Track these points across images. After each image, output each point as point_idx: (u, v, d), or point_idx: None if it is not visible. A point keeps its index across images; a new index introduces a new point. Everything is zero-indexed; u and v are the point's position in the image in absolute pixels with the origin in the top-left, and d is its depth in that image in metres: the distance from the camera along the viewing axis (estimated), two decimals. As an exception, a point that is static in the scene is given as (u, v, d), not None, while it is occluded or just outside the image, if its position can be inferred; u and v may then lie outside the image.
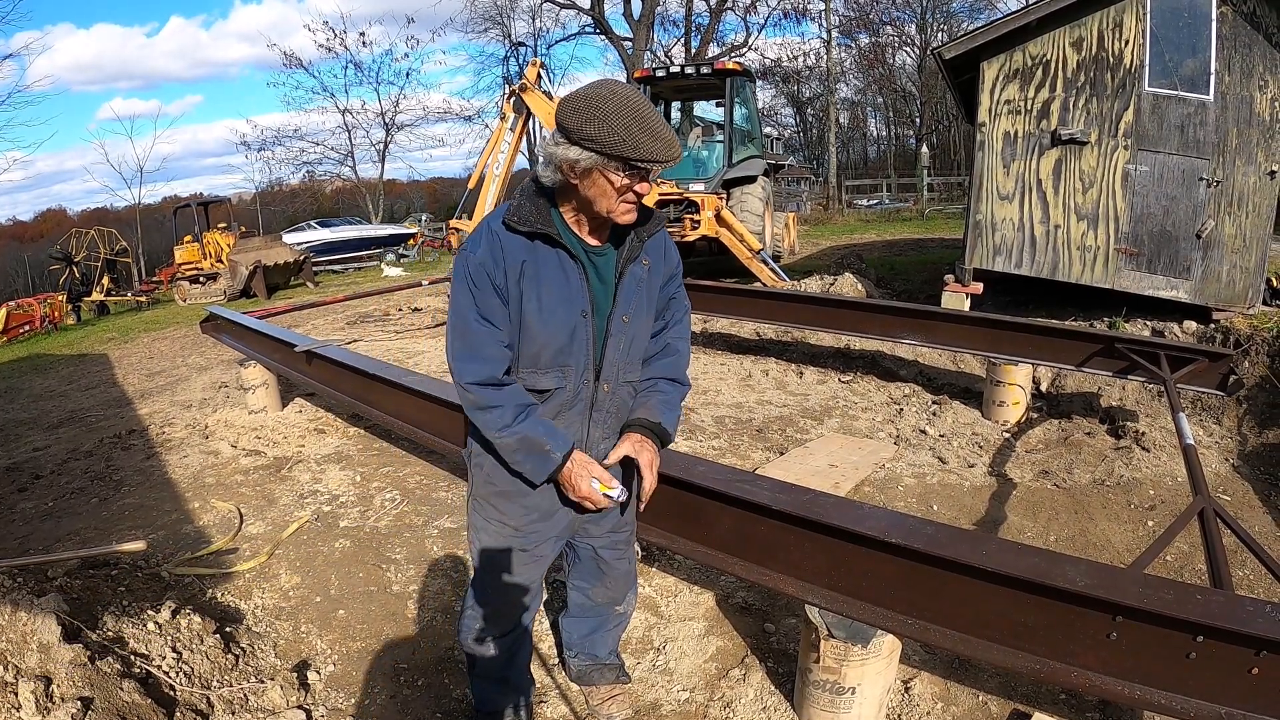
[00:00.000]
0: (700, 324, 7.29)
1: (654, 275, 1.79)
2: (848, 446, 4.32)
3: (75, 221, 36.05)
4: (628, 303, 1.73)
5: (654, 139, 1.49)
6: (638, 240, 1.72)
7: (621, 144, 1.47)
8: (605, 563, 2.06)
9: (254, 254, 14.19)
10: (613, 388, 1.77)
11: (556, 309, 1.65)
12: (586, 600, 2.18)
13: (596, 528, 1.99)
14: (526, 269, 1.62)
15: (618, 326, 1.73)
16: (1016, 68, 6.04)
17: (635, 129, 1.47)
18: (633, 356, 1.80)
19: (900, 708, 2.22)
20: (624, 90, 1.53)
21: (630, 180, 1.54)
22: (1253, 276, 5.67)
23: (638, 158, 1.49)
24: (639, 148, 1.48)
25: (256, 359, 5.11)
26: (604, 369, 1.75)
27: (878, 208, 22.39)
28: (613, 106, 1.48)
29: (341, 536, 3.42)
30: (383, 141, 28.10)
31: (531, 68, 9.42)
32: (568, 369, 1.71)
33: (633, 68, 22.29)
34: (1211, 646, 1.58)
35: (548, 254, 1.64)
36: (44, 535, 3.64)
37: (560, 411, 1.75)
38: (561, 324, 1.66)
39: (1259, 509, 3.50)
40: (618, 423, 1.84)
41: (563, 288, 1.66)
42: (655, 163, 1.51)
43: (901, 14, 27.76)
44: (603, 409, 1.79)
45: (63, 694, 1.93)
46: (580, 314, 1.68)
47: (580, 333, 1.69)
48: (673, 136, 1.53)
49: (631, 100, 1.50)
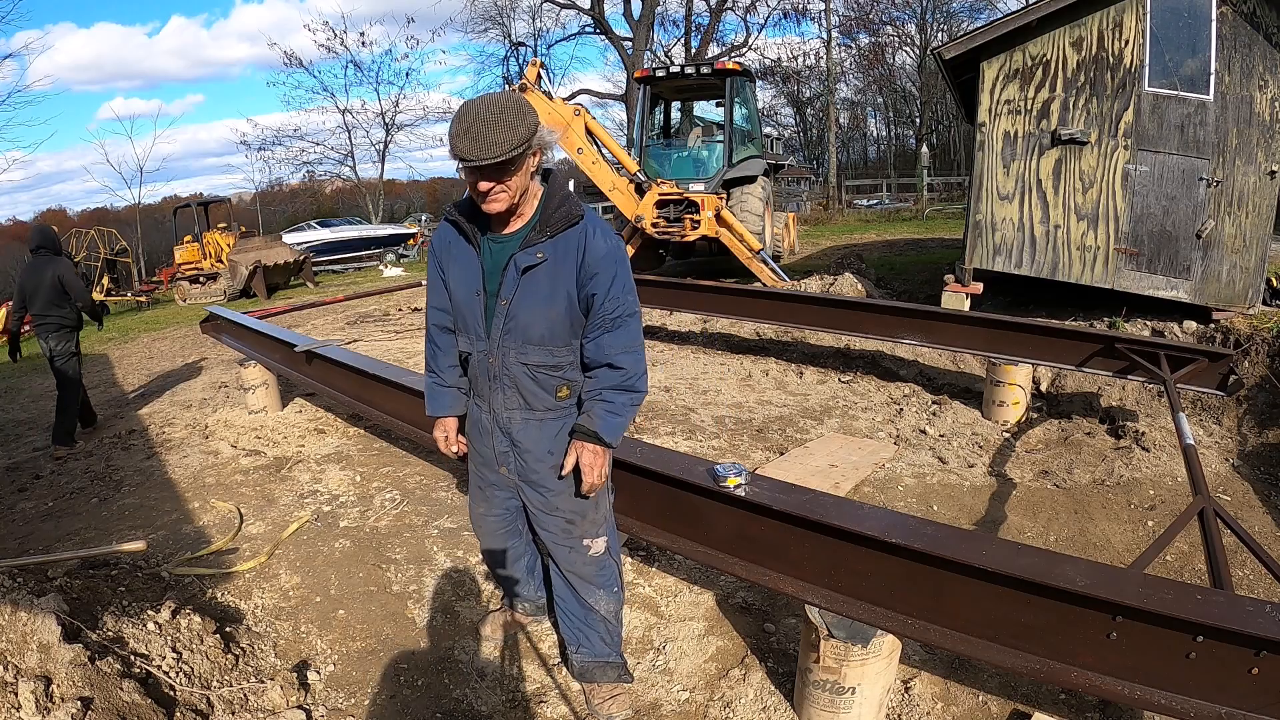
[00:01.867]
0: (700, 324, 7.29)
1: (557, 268, 1.89)
2: (848, 446, 4.32)
3: (75, 221, 36.02)
4: (508, 289, 1.91)
5: (469, 140, 1.69)
6: (537, 233, 1.88)
7: (451, 145, 1.74)
8: (545, 541, 2.21)
9: (254, 254, 14.17)
10: (503, 363, 1.98)
11: (460, 283, 1.99)
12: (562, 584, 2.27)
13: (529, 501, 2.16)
14: (451, 249, 2.00)
15: (499, 309, 1.94)
16: (1016, 68, 6.04)
17: (458, 132, 1.70)
18: (524, 340, 1.94)
19: (900, 708, 2.22)
20: (484, 98, 1.75)
21: (470, 176, 1.77)
22: (1253, 276, 5.67)
23: (456, 156, 1.72)
24: (456, 147, 1.71)
25: (256, 359, 5.11)
26: (494, 345, 1.97)
27: (878, 208, 22.38)
28: (459, 113, 1.73)
29: (341, 536, 3.42)
30: (383, 141, 28.06)
31: (531, 68, 9.42)
32: (471, 337, 2.01)
33: (633, 68, 22.27)
34: (1211, 646, 1.58)
35: (458, 239, 1.99)
36: (44, 535, 3.64)
37: (475, 375, 2.06)
38: (462, 296, 1.98)
39: (1259, 509, 3.50)
40: (521, 399, 2.02)
41: (465, 264, 1.97)
42: (465, 160, 1.71)
43: (901, 14, 27.72)
44: (499, 379, 2.00)
45: (63, 694, 1.93)
46: (474, 292, 1.96)
47: (474, 307, 1.97)
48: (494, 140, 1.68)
49: (475, 107, 1.72)
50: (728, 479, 2.26)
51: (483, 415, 2.10)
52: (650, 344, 6.90)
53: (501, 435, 2.07)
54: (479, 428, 2.14)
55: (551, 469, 2.06)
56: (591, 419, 1.97)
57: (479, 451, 2.18)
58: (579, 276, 1.89)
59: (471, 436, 2.18)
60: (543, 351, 1.95)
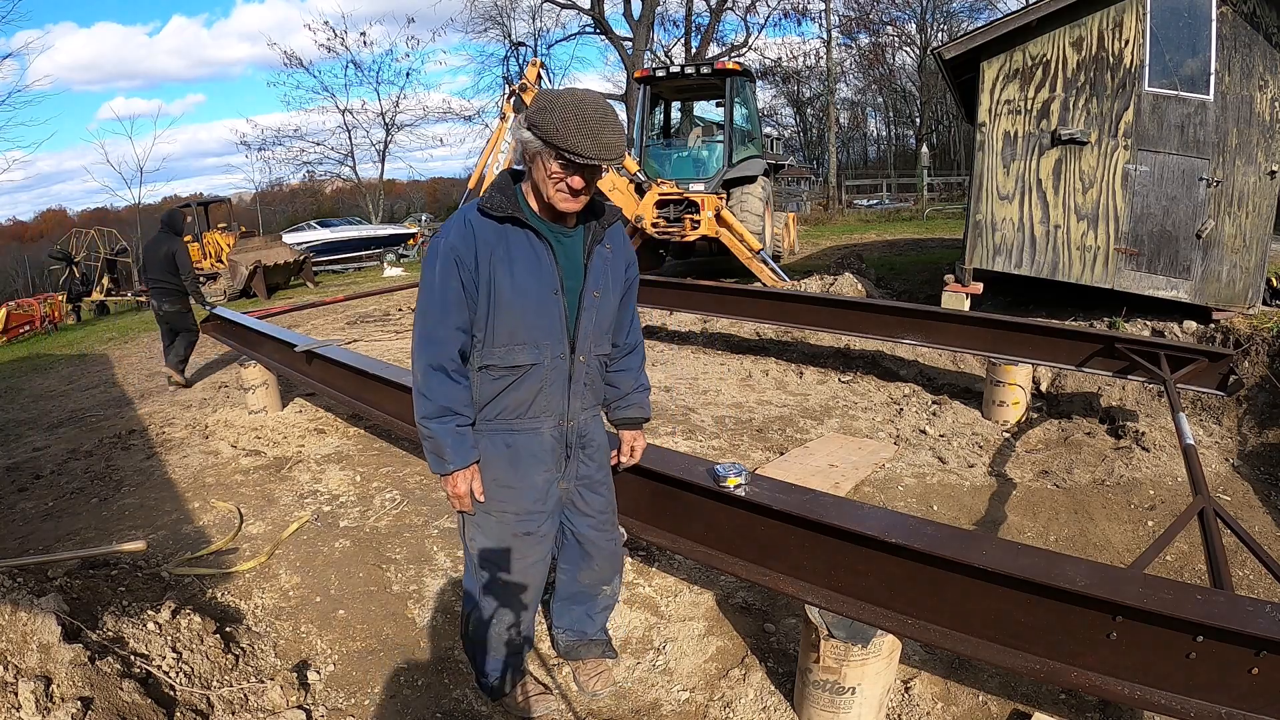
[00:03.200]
0: (700, 324, 7.29)
1: (616, 258, 1.95)
2: (848, 446, 4.32)
3: (75, 221, 36.06)
4: (597, 280, 1.89)
5: (586, 137, 1.61)
6: (600, 226, 1.90)
7: (554, 134, 1.62)
8: (591, 543, 2.15)
9: (254, 254, 14.17)
10: (587, 360, 1.92)
11: (529, 285, 1.79)
12: (574, 583, 2.26)
13: (585, 504, 2.09)
14: (498, 251, 1.77)
15: (589, 302, 1.88)
16: (1016, 68, 6.04)
17: (572, 124, 1.61)
18: (602, 331, 1.95)
19: (900, 708, 2.22)
20: (585, 95, 1.67)
21: (562, 170, 1.68)
22: (1253, 276, 5.67)
23: (566, 148, 1.62)
24: (567, 139, 1.61)
25: (256, 359, 5.11)
26: (578, 343, 1.88)
27: (878, 208, 22.39)
28: (563, 103, 1.63)
29: (341, 536, 3.42)
30: (383, 141, 28.08)
31: (531, 68, 9.42)
32: (542, 344, 1.83)
33: (633, 68, 22.27)
34: (1211, 646, 1.58)
35: (518, 235, 1.79)
36: (44, 535, 3.64)
37: (541, 388, 1.87)
38: (534, 299, 1.80)
39: (1259, 509, 3.50)
40: (594, 395, 2.01)
41: (533, 265, 1.80)
42: (581, 157, 1.62)
43: (901, 14, 27.74)
44: (579, 381, 1.92)
45: (63, 694, 1.93)
46: (551, 291, 1.81)
47: (552, 308, 1.82)
48: (613, 141, 1.64)
49: (584, 102, 1.64)
50: (728, 479, 2.27)
51: (544, 435, 1.91)
52: (650, 344, 6.90)
53: (565, 446, 1.96)
54: (533, 455, 1.91)
55: (604, 461, 2.11)
56: (642, 408, 2.15)
57: (530, 486, 1.93)
58: (625, 264, 2.00)
59: (516, 474, 1.91)
60: (607, 341, 2.01)
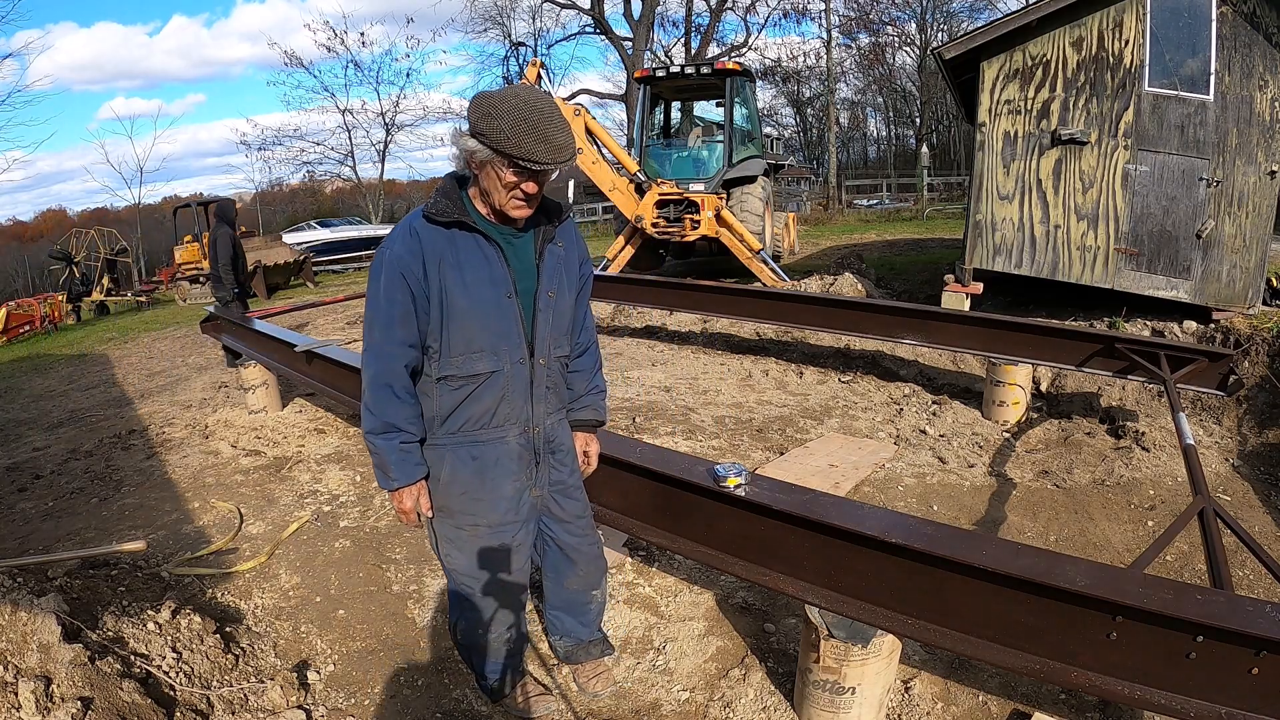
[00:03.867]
0: (700, 324, 7.29)
1: (569, 255, 1.93)
2: (848, 446, 4.32)
3: (75, 221, 36.08)
4: (551, 280, 1.86)
5: (540, 141, 1.56)
6: (551, 224, 1.86)
7: (505, 141, 1.56)
8: (573, 549, 2.15)
9: (254, 254, 14.18)
10: (547, 363, 1.88)
11: (482, 289, 1.75)
12: (562, 590, 2.25)
13: (560, 509, 2.08)
14: (447, 258, 1.72)
15: (545, 302, 1.85)
16: (1016, 68, 6.04)
17: (523, 129, 1.55)
18: (560, 332, 1.92)
19: (900, 708, 2.22)
20: (526, 94, 1.60)
21: (517, 178, 1.63)
22: (1253, 276, 5.67)
23: (519, 155, 1.57)
24: (520, 146, 1.56)
25: (256, 359, 5.11)
26: (537, 346, 1.85)
27: (878, 208, 22.38)
28: (508, 107, 1.56)
29: (341, 536, 3.42)
30: (383, 141, 28.09)
31: (531, 68, 9.42)
32: (500, 350, 1.79)
33: (633, 68, 22.28)
34: (1211, 646, 1.58)
35: (466, 240, 1.75)
36: (44, 535, 3.64)
37: (504, 395, 1.83)
38: (489, 303, 1.76)
39: (1259, 509, 3.50)
40: (558, 398, 1.97)
41: (484, 269, 1.75)
42: (536, 163, 1.58)
43: (901, 14, 27.75)
44: (541, 385, 1.88)
45: (63, 694, 1.93)
46: (505, 295, 1.77)
47: (508, 312, 1.78)
48: (564, 141, 1.60)
49: (529, 104, 1.57)
50: (728, 479, 2.27)
51: (510, 443, 1.87)
52: (650, 344, 6.91)
53: (533, 453, 1.92)
54: (501, 465, 1.87)
55: (575, 465, 2.09)
56: (597, 410, 2.09)
57: (499, 498, 1.89)
58: (578, 261, 1.98)
59: (485, 485, 1.87)
60: (566, 341, 1.96)
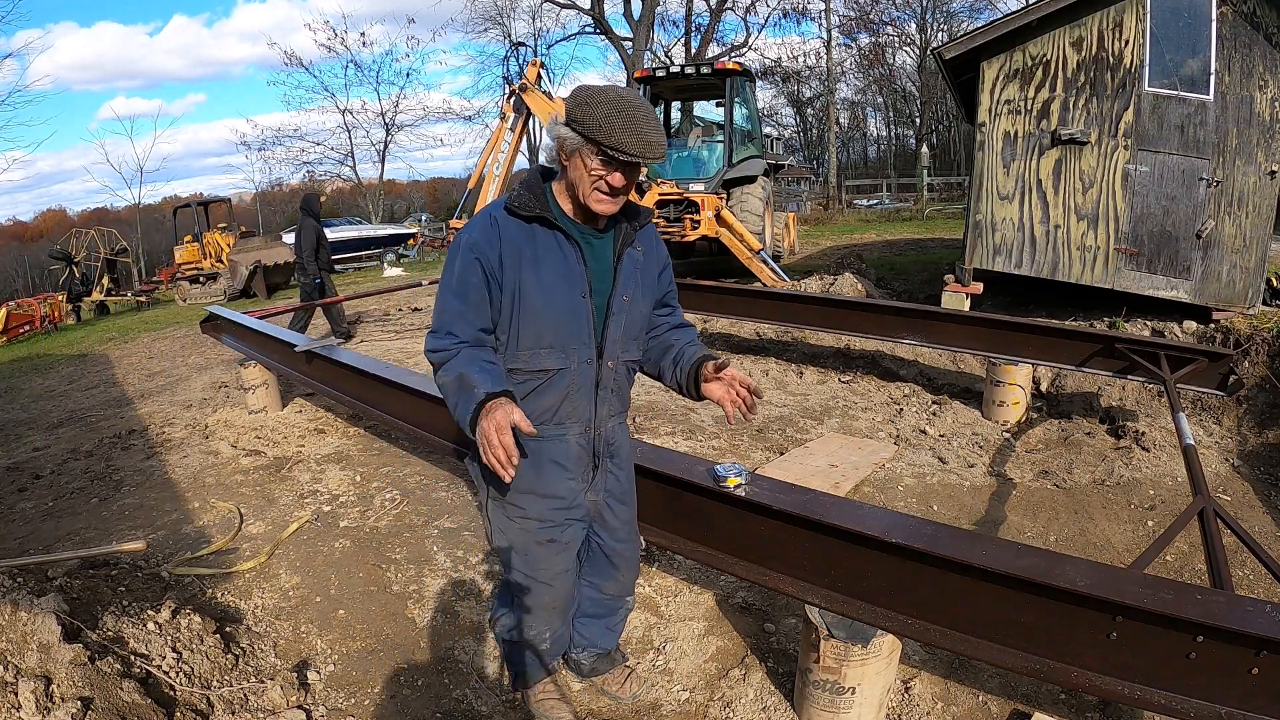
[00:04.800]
0: (700, 324, 7.29)
1: (648, 262, 1.91)
2: (848, 446, 4.32)
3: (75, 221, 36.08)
4: (627, 284, 1.84)
5: (632, 134, 1.57)
6: (632, 228, 1.85)
7: (597, 129, 1.57)
8: (618, 555, 2.11)
9: (254, 254, 14.20)
10: (615, 366, 1.87)
11: (557, 286, 1.74)
12: (599, 595, 2.19)
13: (612, 516, 2.04)
14: (525, 251, 1.72)
15: (619, 305, 1.83)
16: (1016, 68, 6.04)
17: (616, 120, 1.56)
18: (630, 336, 1.89)
19: (900, 708, 2.22)
20: (626, 92, 1.63)
21: (604, 169, 1.63)
22: (1253, 276, 5.67)
23: (609, 144, 1.57)
24: (612, 136, 1.57)
25: (256, 359, 5.11)
26: (606, 348, 1.83)
27: (878, 208, 22.38)
28: (605, 98, 1.59)
29: (341, 536, 3.42)
30: (383, 141, 28.11)
31: (531, 68, 9.43)
32: (569, 349, 1.78)
33: (633, 68, 22.27)
34: (1211, 646, 1.57)
35: (546, 236, 1.74)
36: (44, 535, 3.64)
37: (568, 393, 1.83)
38: (563, 301, 1.75)
39: (1259, 509, 3.50)
40: (620, 402, 1.95)
41: (562, 267, 1.75)
42: (625, 154, 1.58)
43: (901, 14, 27.76)
44: (606, 388, 1.87)
45: (63, 694, 1.93)
46: (580, 294, 1.76)
47: (581, 312, 1.77)
48: (657, 139, 1.60)
49: (626, 99, 1.60)
50: (728, 479, 2.27)
51: (570, 442, 1.87)
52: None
53: (590, 456, 1.92)
54: (558, 462, 1.87)
55: (630, 471, 2.07)
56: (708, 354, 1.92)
57: (553, 495, 1.89)
58: (658, 267, 1.95)
59: (541, 480, 1.87)
60: (637, 346, 1.95)
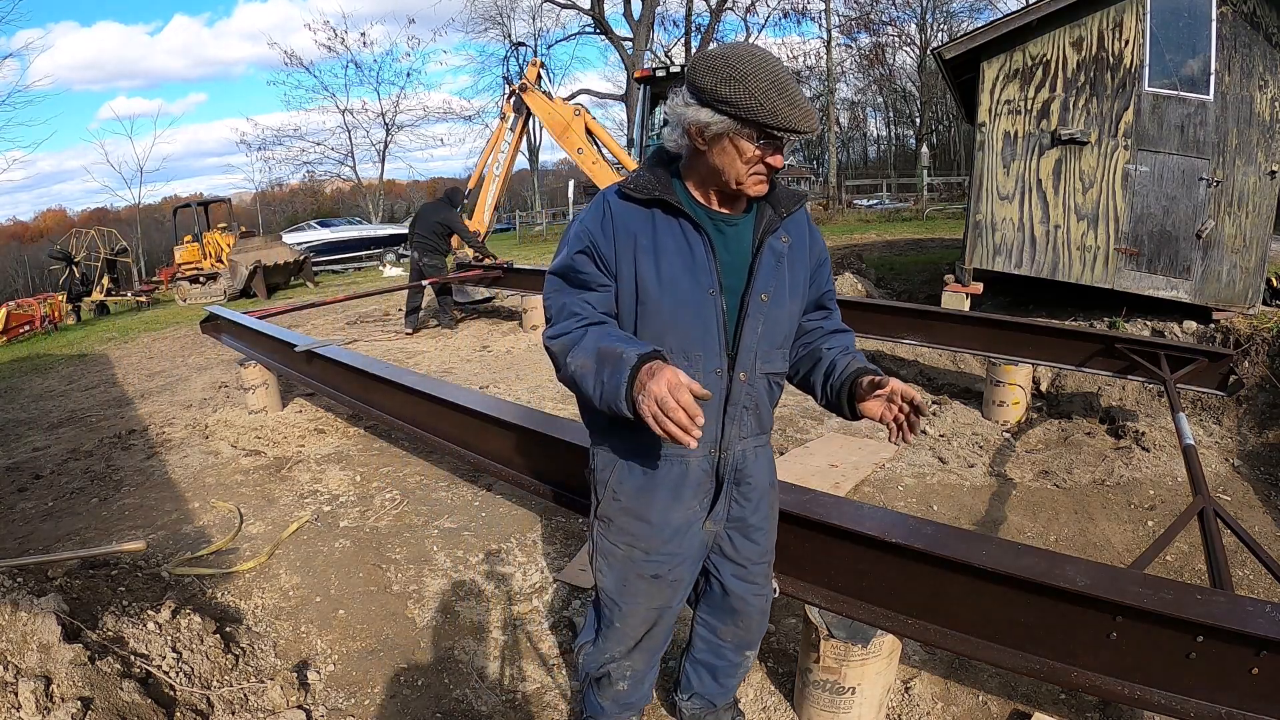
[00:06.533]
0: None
1: (795, 255, 1.60)
2: (848, 446, 4.32)
3: (75, 221, 36.11)
4: (766, 281, 1.53)
5: (793, 107, 1.35)
6: (775, 213, 1.55)
7: (758, 109, 1.34)
8: (738, 597, 1.80)
9: (254, 254, 14.19)
10: (750, 379, 1.57)
11: (679, 280, 1.48)
12: (713, 639, 1.93)
13: (734, 550, 1.74)
14: (641, 239, 1.48)
15: (755, 306, 1.53)
16: (1016, 68, 6.04)
17: (774, 94, 1.34)
18: (771, 344, 1.58)
19: (900, 708, 2.22)
20: (763, 53, 1.38)
21: (762, 150, 1.40)
22: (1253, 276, 5.67)
23: (774, 125, 1.35)
24: (776, 114, 1.34)
25: (256, 359, 5.11)
26: (739, 356, 1.54)
27: (878, 208, 22.37)
28: (751, 68, 1.34)
29: (341, 536, 3.42)
30: (383, 141, 28.14)
31: (531, 68, 9.43)
32: (694, 355, 1.51)
33: (633, 68, 22.28)
34: (1211, 646, 1.57)
35: (667, 223, 1.49)
36: (44, 535, 3.64)
37: None
38: (686, 298, 1.48)
39: (1259, 509, 3.50)
40: (757, 422, 1.64)
41: (685, 258, 1.48)
42: (792, 132, 1.37)
43: (901, 14, 27.78)
44: (738, 404, 1.58)
45: (63, 694, 1.93)
46: (707, 291, 1.49)
47: (709, 312, 1.49)
48: (811, 108, 1.39)
49: (771, 64, 1.36)
50: None
51: (690, 466, 1.60)
52: (650, 344, 6.89)
53: (714, 480, 1.64)
54: (674, 489, 1.61)
55: (762, 505, 1.73)
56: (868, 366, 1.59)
57: (664, 525, 1.62)
58: (812, 262, 1.64)
59: (652, 507, 1.62)
60: (781, 356, 1.63)
